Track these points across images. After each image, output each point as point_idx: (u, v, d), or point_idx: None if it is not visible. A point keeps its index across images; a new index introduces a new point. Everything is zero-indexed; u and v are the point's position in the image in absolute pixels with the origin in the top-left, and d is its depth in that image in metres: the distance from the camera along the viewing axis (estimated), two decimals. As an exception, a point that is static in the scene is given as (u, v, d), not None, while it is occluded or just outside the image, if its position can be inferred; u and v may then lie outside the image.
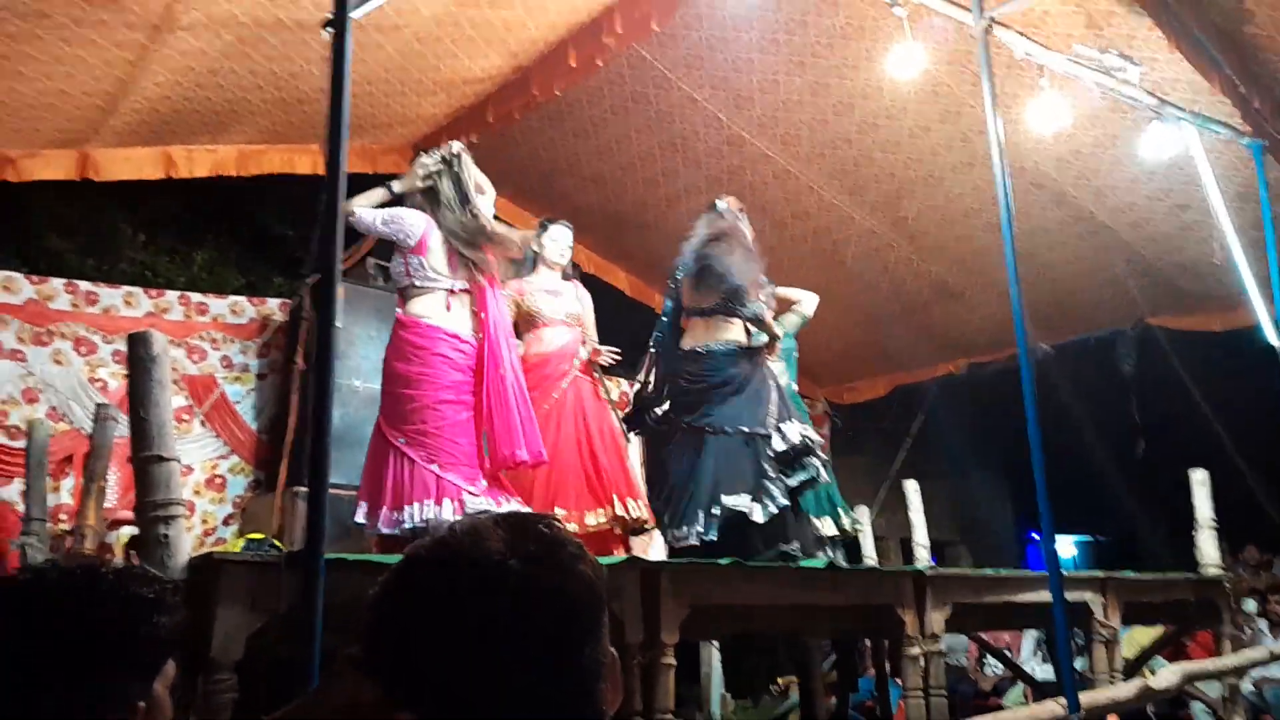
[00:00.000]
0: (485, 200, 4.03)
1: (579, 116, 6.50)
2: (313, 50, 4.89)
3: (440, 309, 3.80)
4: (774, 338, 4.42)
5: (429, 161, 3.95)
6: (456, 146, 4.02)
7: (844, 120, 6.09)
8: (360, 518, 3.66)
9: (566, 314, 4.55)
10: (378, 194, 3.92)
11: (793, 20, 5.35)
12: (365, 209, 3.81)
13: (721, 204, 4.64)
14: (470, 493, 3.59)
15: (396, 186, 3.95)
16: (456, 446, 3.67)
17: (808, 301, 5.46)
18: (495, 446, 3.72)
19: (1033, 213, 6.53)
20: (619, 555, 3.90)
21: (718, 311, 4.31)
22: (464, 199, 3.90)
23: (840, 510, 5.27)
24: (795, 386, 5.44)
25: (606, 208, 7.20)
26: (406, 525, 3.52)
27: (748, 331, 4.40)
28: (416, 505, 3.54)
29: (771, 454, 4.10)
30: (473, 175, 3.99)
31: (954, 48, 5.17)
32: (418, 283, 3.81)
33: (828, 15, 5.25)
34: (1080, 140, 5.78)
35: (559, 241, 4.64)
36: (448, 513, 3.50)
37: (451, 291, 3.83)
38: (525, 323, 4.50)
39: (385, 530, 3.56)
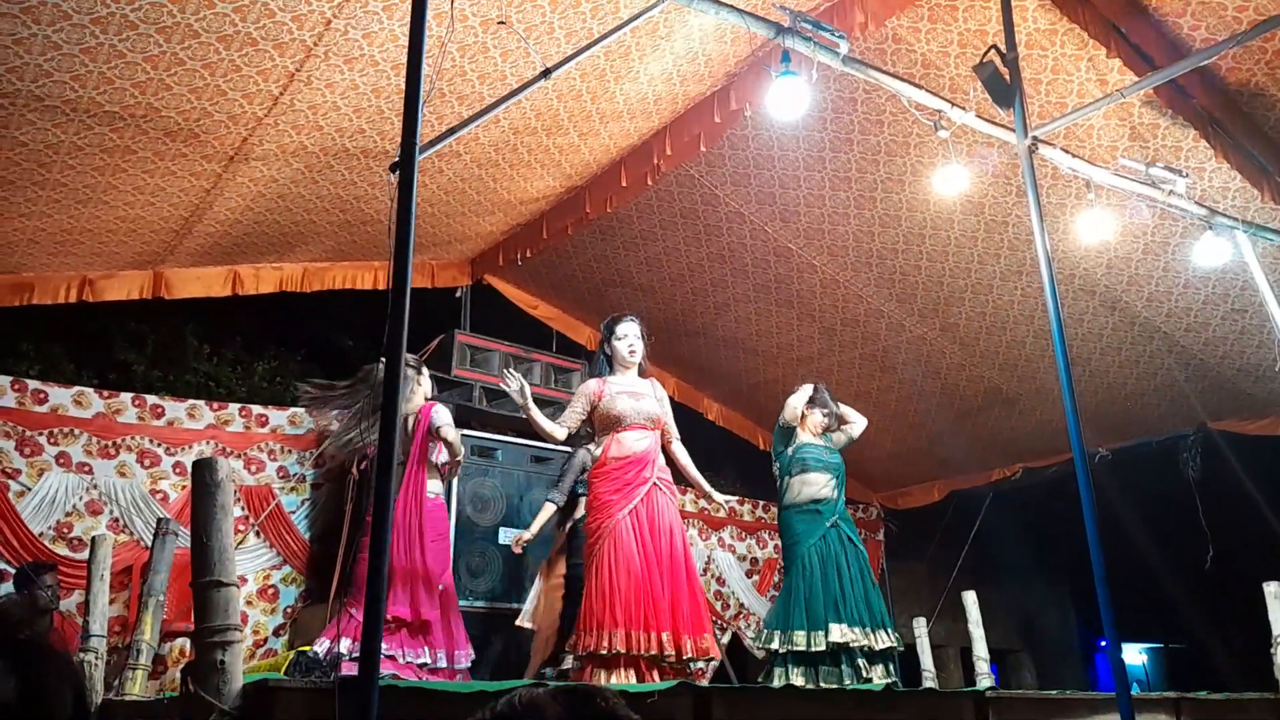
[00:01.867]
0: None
1: (630, 231, 6.67)
2: (376, 175, 5.11)
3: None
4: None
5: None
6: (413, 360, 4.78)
7: (890, 231, 6.16)
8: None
9: (647, 417, 4.33)
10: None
11: (838, 139, 5.47)
12: None
13: None
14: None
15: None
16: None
17: (857, 425, 5.54)
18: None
19: (1085, 319, 6.50)
20: (658, 681, 3.77)
21: None
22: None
23: (888, 628, 5.25)
24: (843, 500, 5.45)
25: (657, 316, 7.31)
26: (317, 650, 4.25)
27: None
28: (328, 641, 4.23)
29: None
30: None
31: (999, 162, 5.24)
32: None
33: (872, 133, 5.36)
34: (1130, 248, 5.77)
35: (626, 338, 4.42)
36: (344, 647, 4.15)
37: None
38: (604, 425, 4.33)
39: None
